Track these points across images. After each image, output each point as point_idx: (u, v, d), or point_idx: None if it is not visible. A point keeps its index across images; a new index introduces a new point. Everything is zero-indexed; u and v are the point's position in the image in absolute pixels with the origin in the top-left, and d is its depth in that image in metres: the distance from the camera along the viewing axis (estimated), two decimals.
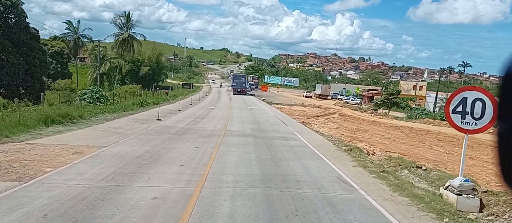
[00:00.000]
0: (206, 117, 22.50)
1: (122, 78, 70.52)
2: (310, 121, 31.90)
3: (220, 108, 31.55)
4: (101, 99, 32.05)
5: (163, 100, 35.43)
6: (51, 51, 59.36)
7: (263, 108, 35.34)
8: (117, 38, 65.44)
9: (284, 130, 18.71)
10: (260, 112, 30.58)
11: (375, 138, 24.85)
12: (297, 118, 31.90)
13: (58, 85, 52.56)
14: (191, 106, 32.00)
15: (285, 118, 26.73)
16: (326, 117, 38.88)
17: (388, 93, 51.50)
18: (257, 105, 41.04)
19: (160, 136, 13.52)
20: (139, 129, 15.14)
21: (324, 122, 32.77)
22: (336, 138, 18.49)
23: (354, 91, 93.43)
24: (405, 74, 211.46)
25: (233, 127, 18.36)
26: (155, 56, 74.37)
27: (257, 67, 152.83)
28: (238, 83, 68.21)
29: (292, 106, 46.75)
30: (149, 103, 30.00)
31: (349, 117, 40.49)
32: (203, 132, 15.74)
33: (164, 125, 17.22)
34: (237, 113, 27.95)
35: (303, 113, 39.72)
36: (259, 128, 18.34)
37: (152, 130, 15.19)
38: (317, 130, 24.37)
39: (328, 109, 46.96)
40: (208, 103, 38.98)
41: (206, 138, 13.81)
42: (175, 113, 23.99)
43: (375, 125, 34.08)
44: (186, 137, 13.93)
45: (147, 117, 20.02)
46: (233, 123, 20.32)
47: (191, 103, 34.50)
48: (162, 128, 16.13)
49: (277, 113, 31.69)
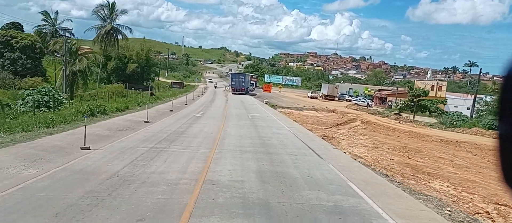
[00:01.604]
0: (180, 138, 13.06)
1: (108, 77, 61.64)
2: (332, 132, 22.90)
3: (209, 117, 22.25)
4: (50, 103, 23.20)
5: (137, 105, 26.21)
6: (20, 45, 50.14)
7: (269, 117, 26.13)
8: (99, 31, 56.12)
9: (325, 174, 9.48)
10: (266, 123, 21.37)
11: (443, 166, 16.01)
12: (313, 128, 22.90)
13: (25, 84, 43.42)
14: (171, 114, 22.81)
15: (304, 135, 17.55)
16: (348, 126, 29.79)
17: (414, 94, 42.45)
18: (260, 110, 31.82)
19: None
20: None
21: (349, 134, 23.83)
22: (388, 168, 11.51)
23: (363, 92, 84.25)
24: (407, 74, 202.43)
25: (223, 166, 9.12)
26: (145, 52, 65.01)
27: (257, 66, 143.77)
28: (237, 82, 61.03)
29: (301, 110, 37.58)
30: (115, 109, 20.98)
31: (375, 125, 31.39)
32: (144, 197, 6.59)
33: (77, 169, 8.07)
34: (233, 125, 18.66)
35: (317, 120, 30.64)
36: (273, 170, 9.08)
37: (22, 198, 6.11)
38: (350, 151, 15.73)
39: (345, 114, 37.82)
40: (197, 108, 29.73)
41: None
42: (136, 128, 14.86)
43: (418, 138, 25.01)
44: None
45: (74, 140, 10.89)
46: (224, 152, 11.09)
47: (172, 109, 25.21)
48: (60, 184, 7.02)
49: (290, 124, 22.51)
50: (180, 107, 28.00)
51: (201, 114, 24.18)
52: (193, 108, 28.17)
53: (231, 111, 28.06)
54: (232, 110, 28.62)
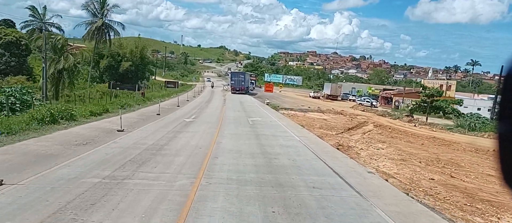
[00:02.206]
0: (156, 158, 9.20)
1: (100, 75, 57.96)
2: (345, 140, 19.30)
3: (202, 123, 18.49)
4: (16, 105, 19.69)
5: (121, 107, 22.49)
6: (4, 42, 46.42)
7: (272, 121, 22.40)
8: (89, 27, 52.36)
9: None
10: (270, 130, 17.62)
11: (500, 188, 12.41)
12: (323, 134, 19.32)
13: (7, 83, 39.65)
14: (157, 119, 19.09)
15: (320, 148, 13.82)
16: (361, 131, 26.16)
17: (427, 94, 38.76)
18: (261, 113, 28.12)
19: None
20: None
21: (366, 142, 20.25)
22: (433, 193, 9.03)
23: (366, 91, 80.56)
24: (408, 73, 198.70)
25: (212, 206, 5.44)
26: (139, 50, 61.12)
27: (256, 65, 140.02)
28: (237, 81, 58.37)
29: (306, 112, 33.90)
30: (89, 113, 17.30)
31: (391, 129, 27.74)
32: None
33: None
34: (230, 135, 14.88)
35: (325, 123, 27.01)
36: (286, 212, 5.38)
37: None
38: (375, 165, 12.40)
39: (354, 116, 34.15)
40: (190, 110, 26.02)
41: None
42: (101, 141, 11.15)
43: (446, 146, 21.34)
44: None
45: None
46: (212, 185, 7.33)
47: (159, 112, 21.43)
48: None
49: (298, 131, 18.80)
50: (170, 110, 24.32)
51: (193, 118, 20.44)
52: (185, 111, 24.45)
53: (229, 115, 24.32)
54: (230, 114, 24.87)
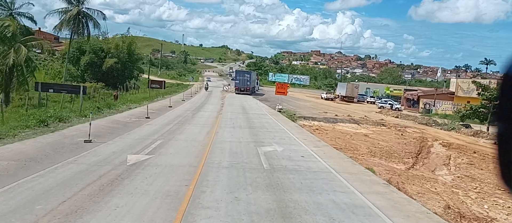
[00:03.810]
0: None
1: (82, 74, 48.31)
2: (436, 186, 9.42)
3: (165, 167, 8.67)
4: None
5: (82, 115, 12.62)
6: None
7: (303, 151, 12.43)
8: (62, 16, 42.51)
9: None
10: (317, 195, 7.67)
11: None
12: (385, 170, 9.42)
13: None
14: (77, 155, 9.23)
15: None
16: (438, 159, 16.26)
17: (489, 98, 28.82)
18: (276, 129, 18.00)
19: None
20: None
21: (479, 192, 10.31)
22: None
23: (383, 92, 70.52)
24: (415, 73, 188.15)
25: None
26: (126, 45, 51.27)
27: (259, 64, 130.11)
28: (242, 80, 52.10)
29: (335, 123, 23.97)
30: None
31: (468, 150, 17.79)
32: None
33: None
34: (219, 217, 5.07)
35: (371, 143, 17.18)
36: None
37: None
38: None
39: (402, 129, 24.15)
40: (160, 127, 16.08)
41: None
42: None
43: None
44: None
45: None
46: None
47: (90, 139, 11.53)
48: None
49: (365, 187, 8.79)
50: (123, 128, 14.50)
51: (148, 154, 10.43)
52: (148, 131, 14.46)
53: (224, 137, 14.12)
54: (225, 136, 14.30)
